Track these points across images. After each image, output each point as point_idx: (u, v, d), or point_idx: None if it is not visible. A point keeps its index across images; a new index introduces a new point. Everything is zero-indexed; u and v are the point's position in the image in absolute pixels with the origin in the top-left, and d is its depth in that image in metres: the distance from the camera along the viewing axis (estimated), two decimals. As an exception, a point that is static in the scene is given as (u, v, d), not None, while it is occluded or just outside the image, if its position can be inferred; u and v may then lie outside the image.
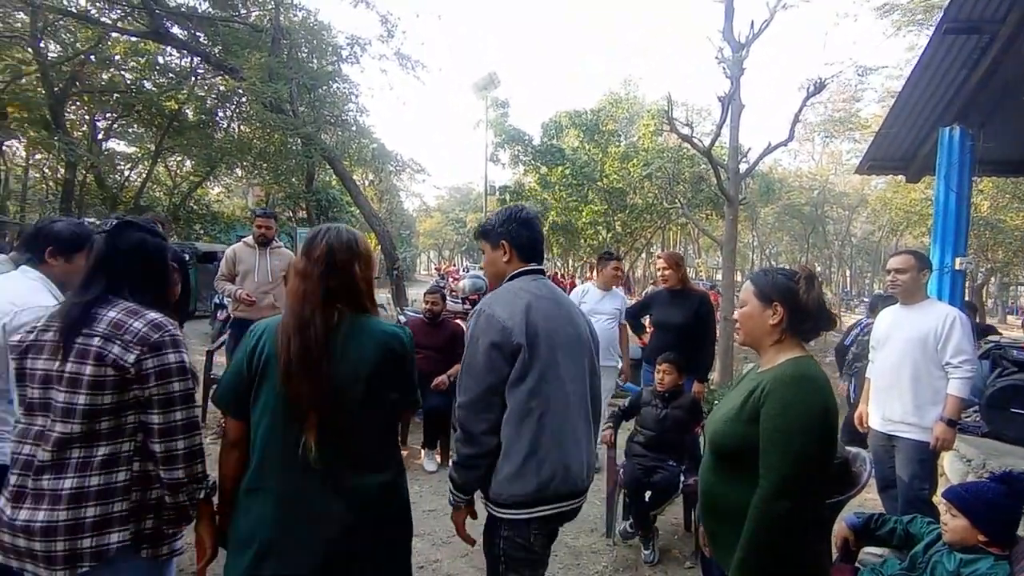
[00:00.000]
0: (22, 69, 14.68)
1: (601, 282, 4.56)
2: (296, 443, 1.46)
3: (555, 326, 1.82)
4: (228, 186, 23.99)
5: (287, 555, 1.47)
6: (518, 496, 1.73)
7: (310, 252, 1.57)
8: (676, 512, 3.62)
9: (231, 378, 1.56)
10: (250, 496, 1.51)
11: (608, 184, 22.04)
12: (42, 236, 2.02)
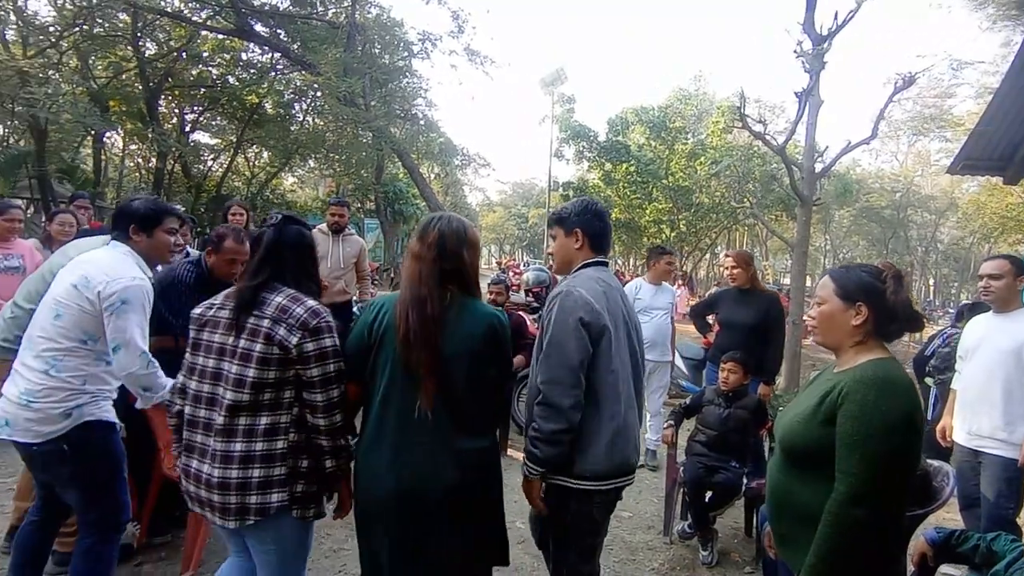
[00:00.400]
0: (123, 65, 15.83)
1: (653, 277, 4.55)
2: (412, 405, 1.64)
3: (621, 315, 1.95)
4: (302, 177, 25.02)
5: (401, 503, 1.65)
6: (599, 469, 1.84)
7: (424, 237, 1.73)
8: (736, 515, 3.53)
9: (352, 343, 1.73)
10: (369, 451, 1.70)
11: (673, 182, 21.55)
12: (124, 215, 2.16)
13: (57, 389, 1.91)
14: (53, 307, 1.96)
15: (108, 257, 2.05)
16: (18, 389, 1.92)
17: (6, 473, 3.50)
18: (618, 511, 3.69)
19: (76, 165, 18.28)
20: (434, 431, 1.66)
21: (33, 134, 14.40)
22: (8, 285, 3.73)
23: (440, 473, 1.66)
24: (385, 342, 1.69)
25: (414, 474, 1.65)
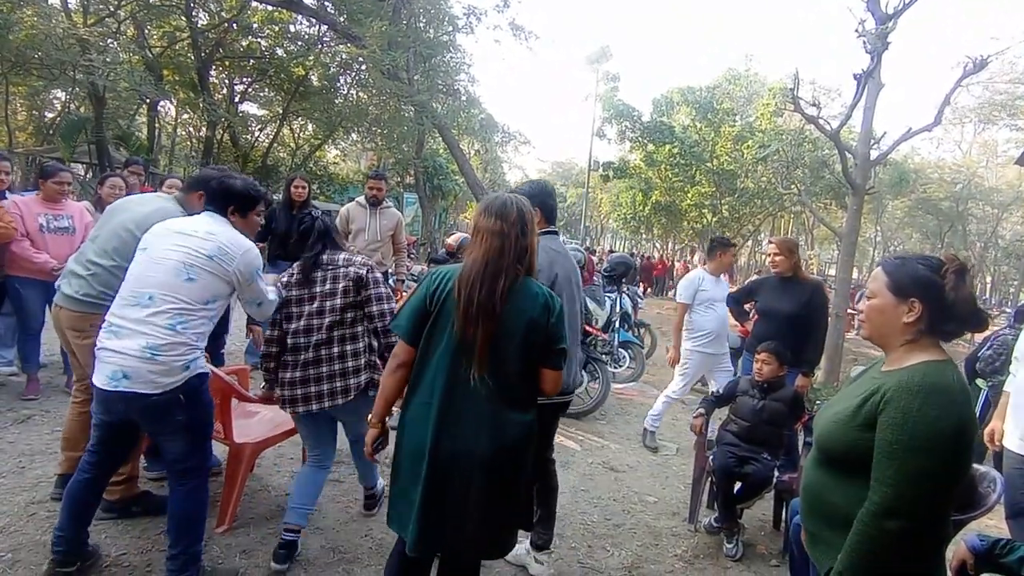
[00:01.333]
0: (177, 35, 16.18)
1: (715, 268, 4.47)
2: (465, 374, 1.75)
3: (567, 271, 2.54)
4: (344, 150, 25.28)
5: (445, 465, 1.74)
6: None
7: (505, 216, 1.82)
8: (764, 507, 3.47)
9: (411, 310, 1.85)
10: (419, 410, 1.79)
11: (718, 165, 20.99)
12: (227, 194, 2.35)
13: (181, 344, 2.10)
14: (183, 270, 2.12)
15: (228, 230, 2.30)
16: (138, 343, 2.04)
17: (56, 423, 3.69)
18: (643, 495, 3.70)
19: (131, 132, 18.89)
20: (484, 401, 1.75)
21: (92, 101, 14.89)
22: (59, 244, 3.90)
23: (483, 441, 1.75)
24: (445, 311, 1.78)
25: (459, 438, 1.74)
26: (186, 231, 2.21)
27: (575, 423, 4.92)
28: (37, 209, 3.90)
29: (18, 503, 2.73)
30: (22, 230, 3.81)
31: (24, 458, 3.16)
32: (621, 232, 46.71)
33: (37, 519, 2.62)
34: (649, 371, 7.11)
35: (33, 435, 3.46)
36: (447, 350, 1.77)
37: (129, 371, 2.04)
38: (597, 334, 5.32)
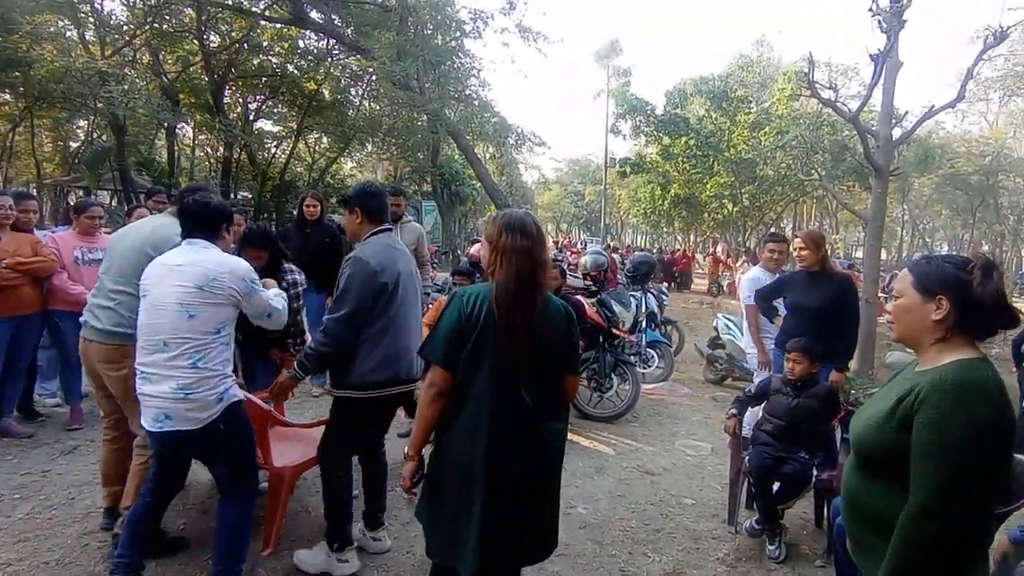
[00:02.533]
0: (190, 59, 16.51)
1: (769, 265, 4.39)
2: (511, 391, 1.78)
3: (403, 268, 2.55)
4: (360, 161, 25.53)
5: (500, 485, 1.78)
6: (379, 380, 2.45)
7: (527, 232, 1.84)
8: (806, 505, 3.42)
9: (445, 335, 1.81)
10: (463, 434, 1.81)
11: (736, 155, 20.69)
12: (219, 215, 2.38)
13: (207, 378, 2.17)
14: (182, 310, 2.15)
15: (210, 255, 2.27)
16: (170, 386, 2.12)
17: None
18: (680, 498, 3.67)
19: (152, 157, 19.36)
20: (529, 417, 1.81)
21: (113, 130, 15.28)
22: (93, 276, 4.00)
23: (533, 456, 1.83)
24: (483, 333, 1.78)
25: (511, 457, 1.79)
26: (173, 267, 2.23)
27: (607, 427, 4.90)
28: (73, 243, 4.04)
29: (71, 535, 2.81)
30: (59, 264, 3.94)
31: (73, 489, 3.26)
32: (641, 227, 46.40)
33: (90, 550, 2.69)
34: (678, 368, 7.05)
35: (80, 465, 3.56)
36: (490, 371, 1.78)
37: (169, 412, 2.13)
38: (624, 336, 5.29)
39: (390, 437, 4.26)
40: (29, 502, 3.08)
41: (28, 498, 3.13)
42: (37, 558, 2.61)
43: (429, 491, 1.91)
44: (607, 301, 5.24)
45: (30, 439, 3.87)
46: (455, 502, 1.82)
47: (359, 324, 2.43)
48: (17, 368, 3.90)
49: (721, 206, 24.40)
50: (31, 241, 3.89)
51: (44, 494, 3.19)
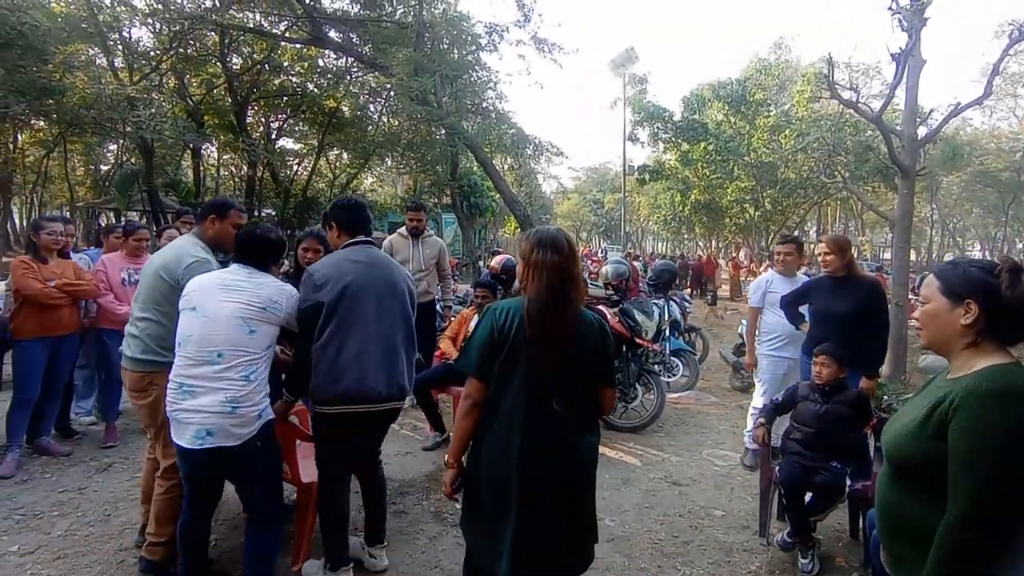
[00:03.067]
0: (214, 82, 16.96)
1: (782, 268, 4.29)
2: (541, 402, 1.81)
3: (357, 280, 2.46)
4: (380, 176, 25.89)
5: (533, 494, 1.81)
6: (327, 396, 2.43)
7: (560, 249, 1.88)
8: (840, 516, 3.34)
9: (479, 348, 1.88)
10: (497, 443, 1.85)
11: (756, 159, 20.50)
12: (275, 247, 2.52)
13: (254, 392, 2.24)
14: (244, 325, 2.25)
15: (270, 280, 2.42)
16: (217, 399, 2.17)
17: (135, 470, 3.87)
18: (710, 508, 3.62)
19: (179, 178, 19.85)
20: (561, 428, 1.84)
21: (142, 153, 15.74)
22: None
23: (565, 466, 1.85)
24: (515, 346, 1.83)
25: (543, 467, 1.82)
26: (232, 286, 2.29)
27: (633, 438, 4.86)
28: (120, 264, 4.20)
29: (107, 551, 2.87)
30: (106, 285, 4.11)
31: (109, 506, 3.33)
32: (662, 234, 46.10)
33: (126, 566, 2.74)
34: (704, 376, 6.96)
35: (115, 482, 3.64)
36: (522, 383, 1.83)
37: (212, 428, 2.16)
38: (647, 346, 5.24)
39: (414, 451, 4.30)
40: (67, 519, 3.16)
41: (66, 515, 3.20)
42: (76, 575, 2.67)
43: (467, 499, 1.96)
44: (629, 310, 5.21)
45: (67, 457, 3.97)
46: (491, 509, 1.87)
47: (305, 337, 2.44)
48: (55, 387, 4.01)
49: (742, 211, 24.16)
50: (73, 266, 4.02)
51: (81, 511, 3.26)
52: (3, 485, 3.52)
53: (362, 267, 2.52)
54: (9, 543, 2.90)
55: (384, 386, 2.50)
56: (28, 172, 20.54)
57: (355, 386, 2.42)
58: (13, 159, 18.20)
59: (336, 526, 2.61)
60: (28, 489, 3.49)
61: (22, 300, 3.76)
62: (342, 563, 2.61)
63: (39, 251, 3.84)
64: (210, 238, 2.69)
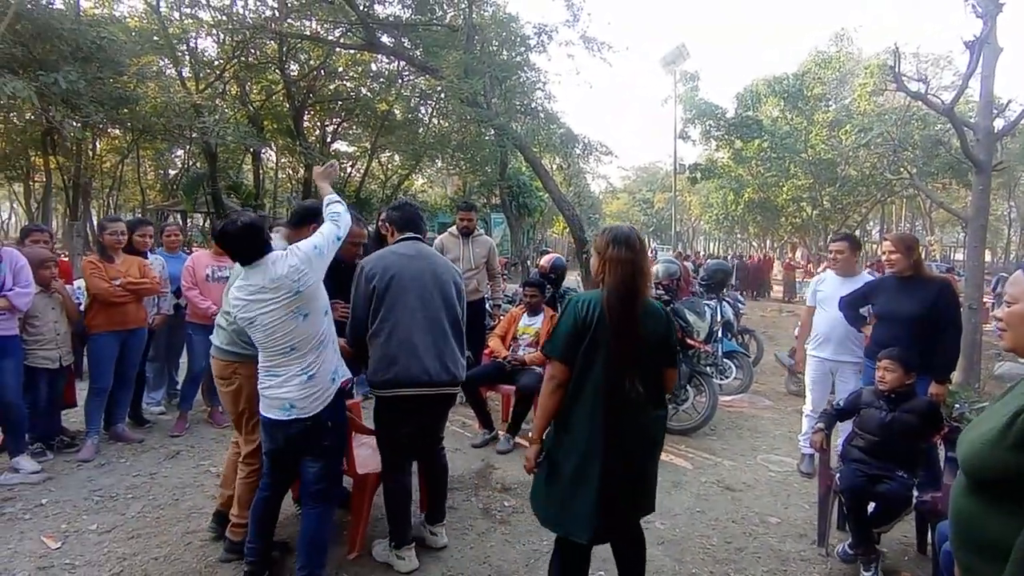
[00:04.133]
0: (273, 88, 17.62)
1: (836, 267, 4.13)
2: (620, 381, 2.03)
3: (401, 272, 2.65)
4: (430, 177, 26.26)
5: (615, 462, 2.05)
6: (381, 380, 2.63)
7: (632, 245, 2.12)
8: (906, 528, 3.18)
9: (564, 336, 2.09)
10: (582, 420, 2.07)
11: (814, 155, 19.74)
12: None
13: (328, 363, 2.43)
14: (293, 316, 2.34)
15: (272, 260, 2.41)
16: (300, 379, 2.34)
17: (201, 458, 4.07)
18: (764, 515, 3.51)
19: (240, 181, 20.70)
20: (636, 404, 2.06)
21: (206, 157, 16.50)
22: (219, 292, 4.35)
23: (640, 437, 2.12)
24: (597, 332, 2.04)
25: (622, 437, 2.06)
26: (256, 290, 2.30)
27: (684, 440, 4.77)
28: (206, 261, 4.45)
29: (176, 533, 3.03)
30: (191, 281, 4.36)
31: (177, 491, 3.52)
32: (714, 234, 45.02)
33: (192, 548, 2.89)
34: (758, 380, 6.76)
35: (183, 469, 3.84)
36: (603, 365, 2.04)
37: (295, 401, 2.33)
38: (699, 347, 5.13)
39: (463, 448, 4.35)
40: (140, 501, 3.35)
41: (139, 498, 3.40)
42: (148, 554, 2.83)
43: (549, 469, 2.14)
44: (680, 310, 5.11)
45: (140, 444, 4.21)
46: (572, 477, 2.07)
47: (359, 326, 2.66)
48: (126, 378, 4.25)
49: (799, 209, 23.32)
50: (140, 264, 4.25)
51: (152, 494, 3.46)
52: (84, 468, 3.78)
53: (407, 259, 2.72)
54: (89, 522, 3.11)
55: (433, 370, 2.66)
56: (105, 177, 21.85)
57: (405, 370, 2.61)
58: (92, 165, 19.39)
59: (399, 506, 2.75)
60: (105, 472, 3.73)
61: (93, 296, 4.01)
62: (406, 541, 2.75)
63: (105, 251, 4.08)
64: None
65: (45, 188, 18.95)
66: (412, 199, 21.96)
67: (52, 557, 2.76)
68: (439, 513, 2.99)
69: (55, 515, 3.16)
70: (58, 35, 10.82)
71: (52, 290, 3.86)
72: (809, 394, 4.21)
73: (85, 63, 11.35)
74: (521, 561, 2.90)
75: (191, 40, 15.48)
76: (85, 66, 11.27)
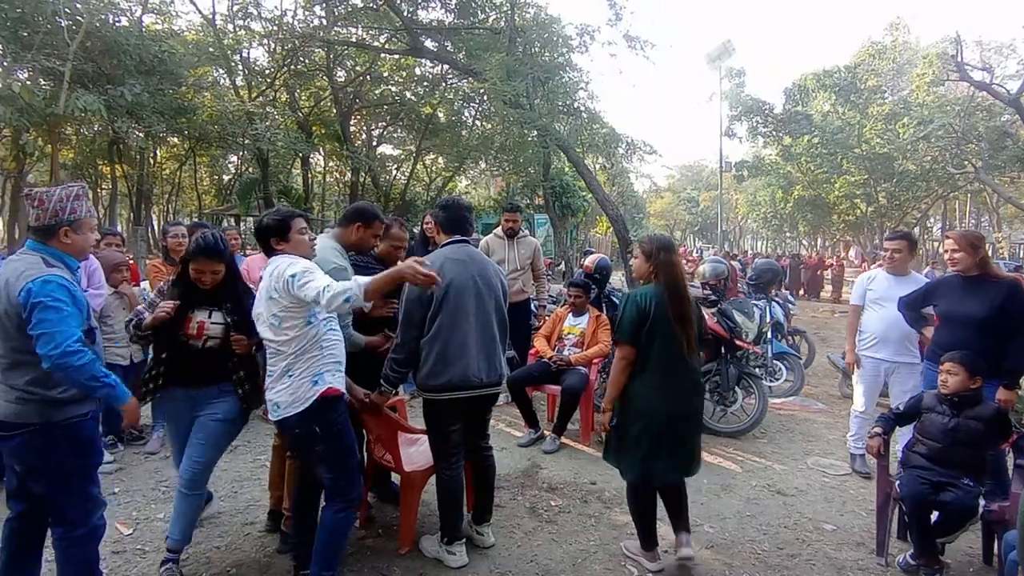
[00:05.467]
0: (321, 94, 18.15)
1: (890, 266, 3.99)
2: (678, 358, 2.68)
3: (458, 277, 2.71)
4: (474, 178, 26.55)
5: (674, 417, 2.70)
6: (435, 384, 2.69)
7: (675, 249, 2.83)
8: (970, 539, 3.04)
9: (631, 323, 2.67)
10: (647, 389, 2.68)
11: (869, 150, 18.99)
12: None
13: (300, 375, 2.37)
14: (269, 321, 2.37)
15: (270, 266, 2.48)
16: (281, 379, 2.35)
17: (257, 452, 4.23)
18: (818, 521, 3.42)
19: (290, 186, 21.38)
20: (688, 372, 2.73)
21: (258, 163, 17.12)
22: None
23: (691, 396, 2.78)
24: (657, 319, 2.63)
25: (679, 397, 2.71)
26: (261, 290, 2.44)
27: (733, 443, 4.68)
28: (261, 264, 4.57)
29: (235, 524, 3.17)
30: (249, 282, 4.51)
31: (235, 484, 3.68)
32: (761, 232, 43.87)
33: (251, 539, 3.02)
34: (810, 382, 6.56)
35: (240, 463, 4.01)
36: (662, 345, 2.65)
37: (279, 402, 2.35)
38: (747, 348, 5.02)
39: (509, 447, 4.38)
40: (202, 493, 3.52)
41: (201, 490, 3.57)
42: (210, 543, 2.97)
43: (620, 432, 2.75)
44: (728, 311, 5.02)
45: (200, 438, 4.41)
46: (641, 431, 2.67)
47: (414, 330, 2.68)
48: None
49: (853, 206, 22.50)
50: None
51: (212, 487, 3.57)
52: (151, 460, 3.99)
53: (462, 265, 2.76)
54: (157, 510, 3.29)
55: (485, 372, 2.76)
56: (164, 184, 22.95)
57: (460, 374, 2.68)
58: (153, 173, 20.40)
59: (451, 503, 2.81)
60: (170, 464, 3.91)
61: None
62: (457, 537, 2.81)
63: (169, 254, 4.28)
64: (351, 243, 2.87)
65: (111, 195, 20.06)
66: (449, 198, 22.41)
67: (125, 542, 2.93)
68: (486, 512, 3.02)
69: (126, 503, 3.35)
70: (124, 51, 11.46)
71: (122, 292, 4.09)
72: (860, 396, 4.08)
73: (148, 76, 11.97)
74: (568, 561, 2.91)
75: (244, 50, 16.12)
76: (147, 79, 11.89)
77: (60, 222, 2.08)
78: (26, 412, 2.02)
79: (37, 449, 2.05)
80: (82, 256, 2.24)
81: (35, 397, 2.02)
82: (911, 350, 3.89)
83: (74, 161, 18.49)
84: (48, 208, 2.07)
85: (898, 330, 3.86)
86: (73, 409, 2.09)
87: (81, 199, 2.15)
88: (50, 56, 10.31)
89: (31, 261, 2.03)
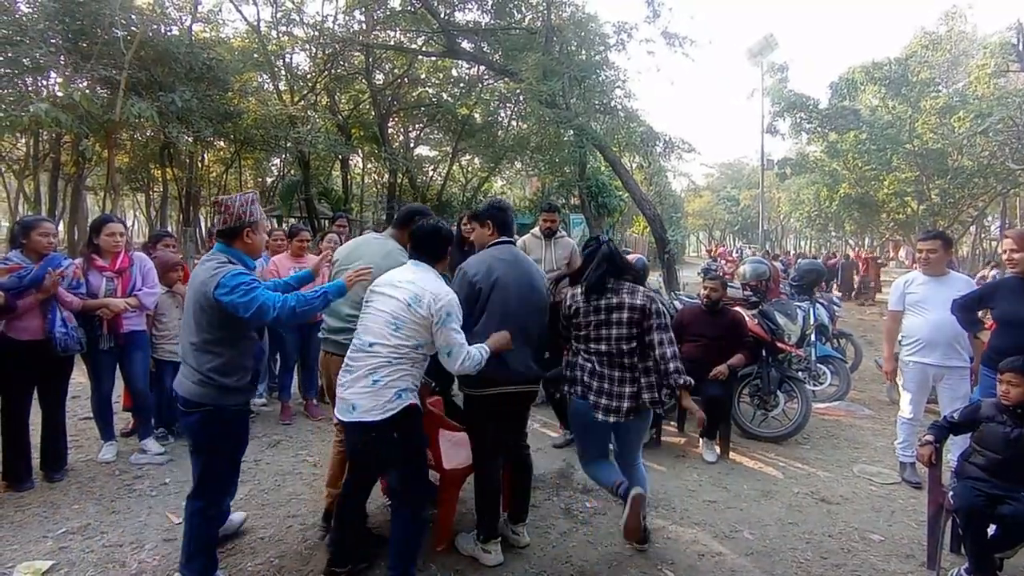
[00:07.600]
0: (360, 97, 18.49)
1: (925, 267, 3.86)
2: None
3: (503, 276, 2.76)
4: (509, 178, 26.59)
5: None
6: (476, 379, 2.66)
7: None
8: (1030, 555, 2.89)
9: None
10: None
11: (920, 145, 18.25)
12: (442, 239, 2.65)
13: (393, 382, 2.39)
14: (392, 321, 2.40)
15: (425, 276, 2.50)
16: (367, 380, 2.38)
17: (299, 447, 4.34)
18: (865, 531, 3.32)
19: (330, 187, 21.84)
20: None
21: (300, 165, 17.54)
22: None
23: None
24: None
25: None
26: (396, 283, 2.48)
27: (774, 448, 4.57)
28: (287, 264, 4.77)
29: (279, 516, 3.26)
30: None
31: (279, 477, 3.78)
32: (805, 232, 42.67)
33: (293, 531, 3.10)
34: (856, 387, 6.35)
35: (283, 457, 4.12)
36: None
37: (356, 403, 2.38)
38: (790, 350, 4.90)
39: (544, 448, 4.38)
40: (246, 486, 3.62)
41: (245, 482, 3.66)
42: (255, 533, 3.06)
43: None
44: (769, 312, 4.90)
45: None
46: None
47: (464, 326, 2.65)
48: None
49: (903, 205, 21.65)
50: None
51: (257, 479, 3.73)
52: (198, 453, 4.13)
53: (507, 265, 2.82)
54: (204, 502, 3.39)
55: (524, 369, 2.80)
56: (211, 186, 23.72)
57: (502, 370, 2.71)
58: (200, 176, 21.12)
59: (490, 501, 2.84)
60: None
61: None
62: (493, 535, 2.83)
63: None
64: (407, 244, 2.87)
65: (162, 197, 20.86)
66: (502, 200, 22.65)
67: (175, 531, 3.04)
68: (522, 512, 3.04)
69: (176, 493, 3.48)
70: (175, 59, 11.92)
71: (175, 292, 4.25)
72: (908, 403, 3.94)
73: (196, 83, 12.42)
74: (604, 563, 2.89)
75: (287, 56, 16.53)
76: (196, 85, 12.33)
77: (243, 224, 2.41)
78: (205, 394, 2.36)
79: (207, 429, 2.42)
80: (257, 255, 2.58)
81: (213, 383, 2.36)
82: (960, 353, 3.74)
83: (128, 165, 19.28)
84: (233, 212, 2.40)
85: (945, 333, 3.71)
86: (239, 396, 2.48)
87: (256, 204, 2.48)
88: (107, 66, 10.78)
89: (221, 260, 2.37)
